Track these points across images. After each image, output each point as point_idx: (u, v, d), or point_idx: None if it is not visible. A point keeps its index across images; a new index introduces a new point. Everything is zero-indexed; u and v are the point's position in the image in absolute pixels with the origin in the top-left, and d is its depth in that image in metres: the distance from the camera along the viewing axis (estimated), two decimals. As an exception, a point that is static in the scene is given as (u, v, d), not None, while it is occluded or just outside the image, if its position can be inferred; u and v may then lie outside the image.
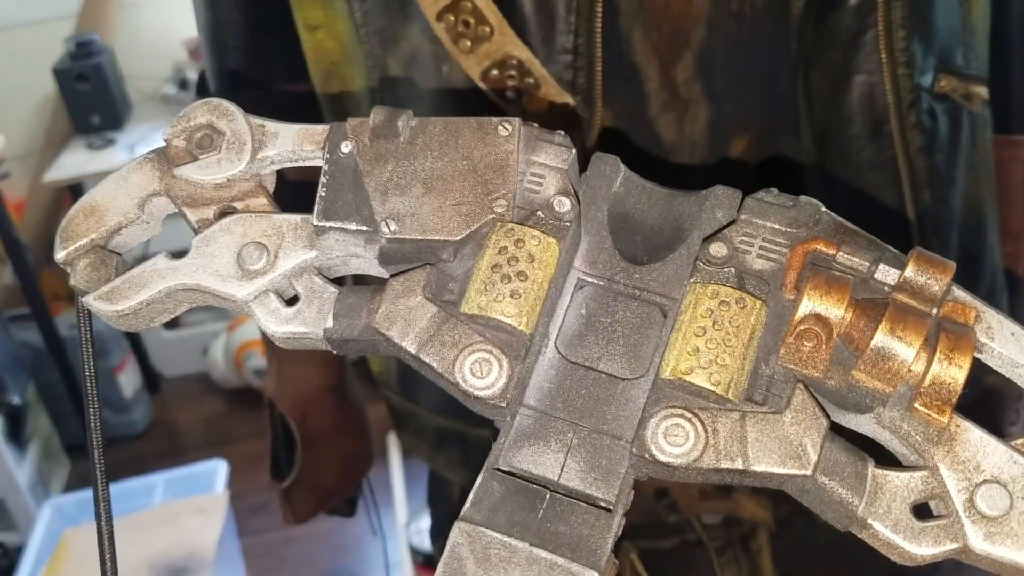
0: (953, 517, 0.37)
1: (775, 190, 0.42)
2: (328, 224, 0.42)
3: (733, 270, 0.40)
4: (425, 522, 1.93)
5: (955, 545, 0.37)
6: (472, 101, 0.67)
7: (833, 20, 0.66)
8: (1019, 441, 0.39)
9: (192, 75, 2.76)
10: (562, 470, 0.38)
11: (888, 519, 0.37)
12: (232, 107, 0.45)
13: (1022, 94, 0.81)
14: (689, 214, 0.42)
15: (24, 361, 2.54)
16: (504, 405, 0.39)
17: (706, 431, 0.38)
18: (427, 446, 0.86)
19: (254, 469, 2.44)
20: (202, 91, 0.83)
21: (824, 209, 0.41)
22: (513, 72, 0.65)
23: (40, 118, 2.84)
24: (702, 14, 0.65)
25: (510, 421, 0.39)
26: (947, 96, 0.70)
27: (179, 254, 0.43)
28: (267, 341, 0.94)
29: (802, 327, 0.39)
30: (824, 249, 0.40)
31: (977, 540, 0.37)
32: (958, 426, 0.38)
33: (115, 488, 2.14)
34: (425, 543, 1.98)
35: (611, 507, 0.37)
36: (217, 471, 2.12)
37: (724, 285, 0.39)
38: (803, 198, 0.41)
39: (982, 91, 0.73)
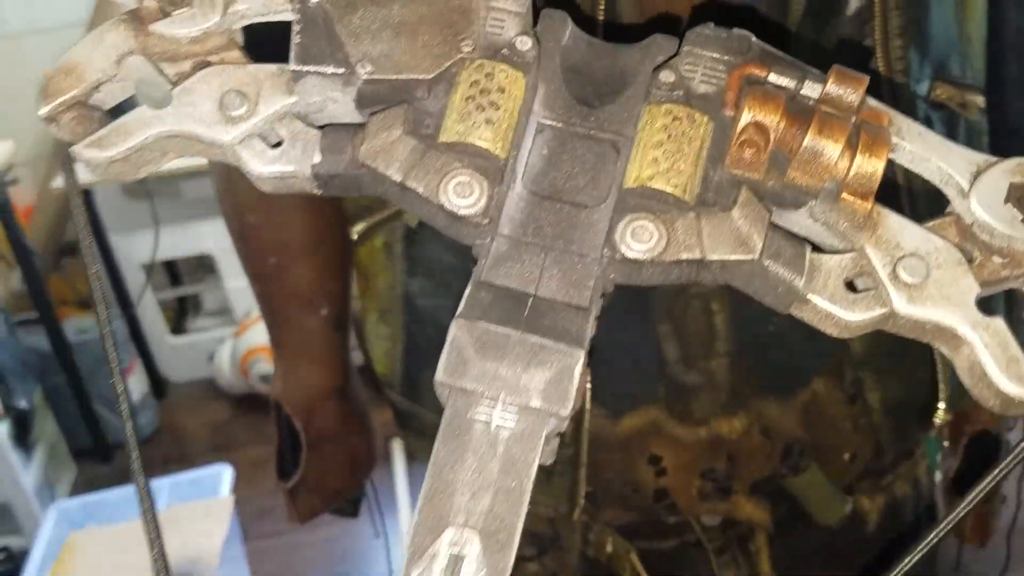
0: (880, 287, 0.42)
1: (711, 24, 0.46)
2: (306, 68, 0.45)
3: (681, 92, 0.45)
4: (428, 528, 1.93)
5: (883, 310, 0.42)
6: None
7: (830, 29, 0.67)
8: (933, 223, 0.44)
9: (200, 83, 2.78)
10: (538, 285, 0.43)
11: (825, 293, 0.42)
12: None
13: (1018, 103, 0.82)
14: (633, 63, 0.46)
15: (31, 366, 2.55)
16: (487, 222, 0.43)
17: (667, 229, 0.42)
18: (429, 446, 0.87)
19: (259, 474, 2.45)
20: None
21: (755, 39, 0.46)
22: None
23: (50, 125, 2.86)
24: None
25: (488, 244, 0.43)
26: (943, 104, 0.71)
27: (160, 106, 0.45)
28: (274, 345, 0.96)
29: (743, 136, 0.44)
30: (757, 72, 0.45)
31: (901, 304, 0.42)
32: (879, 213, 0.44)
33: (120, 492, 2.15)
34: (428, 549, 1.98)
35: (586, 307, 0.42)
36: (222, 476, 2.13)
37: (675, 103, 0.44)
38: (736, 30, 0.46)
39: (978, 99, 0.74)
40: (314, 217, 0.87)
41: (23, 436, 2.43)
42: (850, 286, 0.43)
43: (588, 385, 0.44)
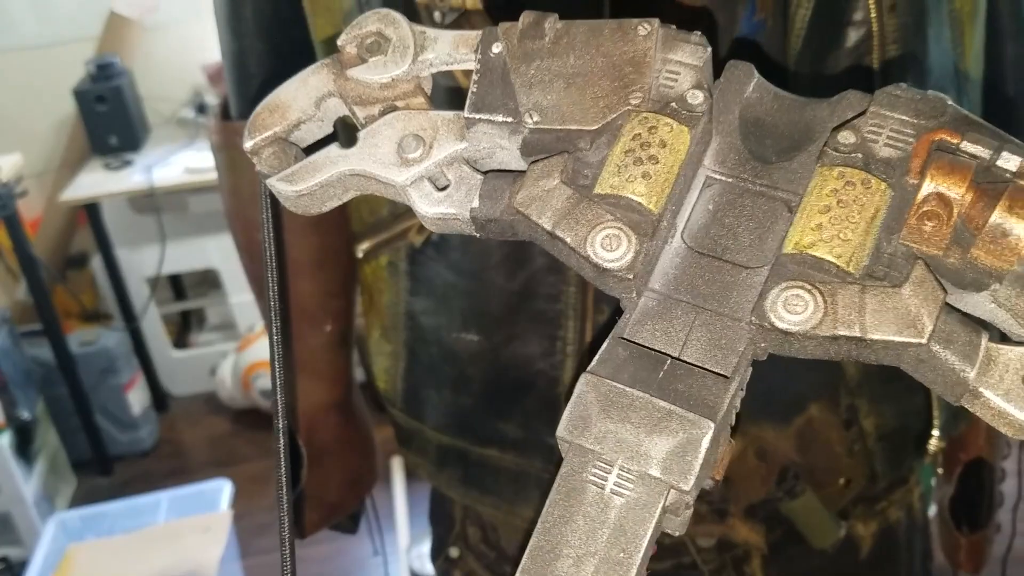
0: None
1: (904, 84, 0.43)
2: (478, 116, 0.47)
3: (860, 155, 0.41)
4: (426, 547, 1.94)
5: None
6: None
7: (830, 61, 0.69)
8: None
9: (210, 99, 2.81)
10: (683, 347, 0.41)
11: (1000, 388, 0.38)
12: (398, 16, 0.49)
13: (1014, 77, 0.82)
14: (820, 118, 0.44)
15: (34, 377, 2.56)
16: (631, 277, 0.41)
17: (825, 301, 0.39)
18: (430, 464, 0.88)
19: (258, 489, 2.45)
20: (225, 115, 0.86)
21: (951, 102, 0.42)
22: None
23: (59, 137, 2.89)
24: None
25: (635, 299, 0.42)
26: None
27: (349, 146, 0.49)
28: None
29: (925, 207, 0.40)
30: (949, 139, 0.41)
31: None
32: None
33: (120, 505, 2.16)
34: (426, 568, 1.99)
35: (727, 375, 0.40)
36: (222, 490, 2.14)
37: (850, 167, 0.41)
38: (931, 92, 0.43)
39: None
40: (320, 236, 0.88)
41: (25, 447, 2.43)
42: None
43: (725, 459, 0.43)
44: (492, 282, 0.75)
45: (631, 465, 0.38)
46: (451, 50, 0.49)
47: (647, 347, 0.41)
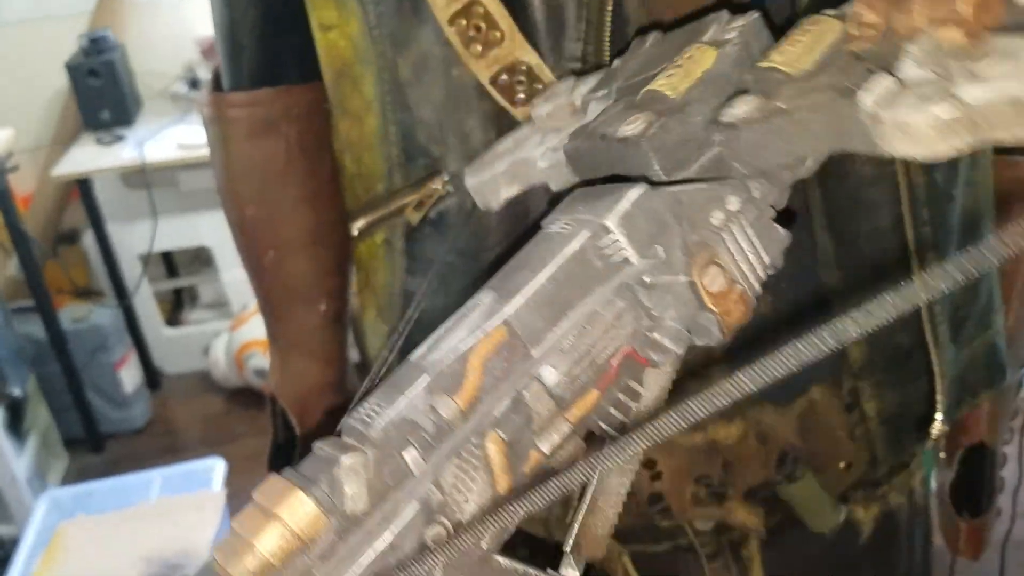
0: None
1: None
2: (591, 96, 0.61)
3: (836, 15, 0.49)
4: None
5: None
6: (482, 104, 0.68)
7: None
8: None
9: (203, 74, 2.78)
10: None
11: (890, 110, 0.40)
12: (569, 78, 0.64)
13: None
14: None
15: (26, 354, 2.55)
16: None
17: (767, 98, 0.46)
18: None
19: (252, 468, 2.44)
20: (216, 88, 0.84)
21: None
22: (522, 77, 0.66)
23: (51, 112, 2.86)
24: None
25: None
26: None
27: None
28: (271, 339, 0.95)
29: (855, 19, 0.45)
30: None
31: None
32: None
33: (112, 483, 2.15)
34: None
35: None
36: (215, 469, 2.13)
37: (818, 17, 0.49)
38: None
39: None
40: (314, 212, 0.86)
41: (16, 424, 2.42)
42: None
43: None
44: (489, 262, 0.74)
45: (574, 215, 0.48)
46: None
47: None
